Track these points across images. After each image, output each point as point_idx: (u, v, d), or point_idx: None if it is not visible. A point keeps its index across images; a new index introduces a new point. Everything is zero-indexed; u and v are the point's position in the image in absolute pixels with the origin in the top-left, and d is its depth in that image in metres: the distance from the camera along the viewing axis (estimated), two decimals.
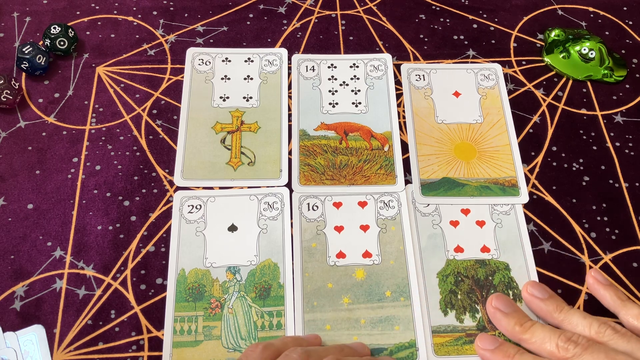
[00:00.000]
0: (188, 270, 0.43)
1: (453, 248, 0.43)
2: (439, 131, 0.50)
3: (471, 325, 0.41)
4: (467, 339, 0.40)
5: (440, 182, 0.47)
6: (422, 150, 0.49)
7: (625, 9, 0.60)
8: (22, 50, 0.50)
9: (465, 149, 0.49)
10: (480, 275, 0.42)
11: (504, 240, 0.44)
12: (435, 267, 0.43)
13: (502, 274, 0.42)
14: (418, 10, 0.58)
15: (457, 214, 0.45)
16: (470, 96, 0.52)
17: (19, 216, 0.45)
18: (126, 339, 0.41)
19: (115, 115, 0.50)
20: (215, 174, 0.47)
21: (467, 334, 0.41)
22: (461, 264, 0.43)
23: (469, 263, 0.43)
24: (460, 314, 0.41)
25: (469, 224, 0.44)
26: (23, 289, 0.42)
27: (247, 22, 0.56)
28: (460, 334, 0.41)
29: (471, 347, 0.40)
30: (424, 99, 0.52)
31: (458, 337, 0.40)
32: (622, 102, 0.53)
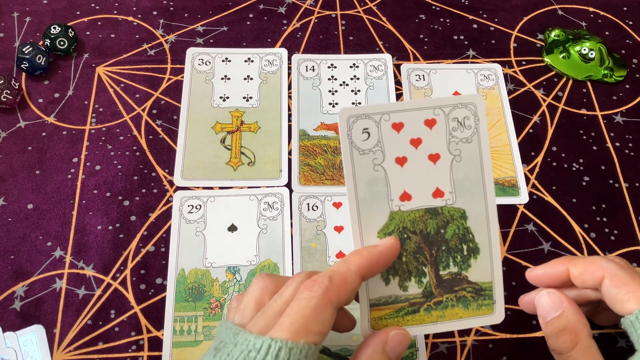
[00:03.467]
0: (188, 270, 0.43)
1: (398, 196, 0.34)
2: None
3: (416, 293, 0.34)
4: (410, 309, 0.34)
5: None
6: None
7: (625, 9, 0.60)
8: (22, 50, 0.50)
9: None
10: (430, 229, 0.34)
11: (461, 179, 0.34)
12: (376, 224, 0.34)
13: (456, 224, 0.35)
14: (418, 10, 0.58)
15: (405, 147, 0.34)
16: None
17: (19, 216, 0.45)
18: (126, 339, 0.41)
19: (115, 115, 0.50)
20: (215, 174, 0.47)
21: (410, 304, 0.34)
22: (407, 217, 0.34)
23: (417, 214, 0.34)
24: (404, 281, 0.34)
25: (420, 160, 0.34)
26: (23, 289, 0.42)
27: (247, 22, 0.56)
28: (402, 304, 0.34)
29: (413, 318, 0.34)
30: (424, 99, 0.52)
31: (400, 309, 0.34)
32: (622, 103, 0.53)
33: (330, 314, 0.29)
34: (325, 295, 0.29)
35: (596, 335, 0.42)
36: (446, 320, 0.34)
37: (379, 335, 0.32)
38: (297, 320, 0.28)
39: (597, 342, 0.42)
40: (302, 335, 0.28)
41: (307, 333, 0.28)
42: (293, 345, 0.28)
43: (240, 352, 0.28)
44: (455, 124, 0.34)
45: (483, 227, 0.35)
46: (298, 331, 0.28)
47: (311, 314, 0.29)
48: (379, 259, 0.32)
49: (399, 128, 0.34)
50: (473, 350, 0.41)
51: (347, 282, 0.30)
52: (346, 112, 0.33)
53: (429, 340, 0.41)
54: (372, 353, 0.31)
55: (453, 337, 0.42)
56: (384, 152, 0.33)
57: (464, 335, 0.42)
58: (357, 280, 0.31)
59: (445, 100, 0.34)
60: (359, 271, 0.31)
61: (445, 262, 0.34)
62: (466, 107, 0.34)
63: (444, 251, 0.34)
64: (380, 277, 0.34)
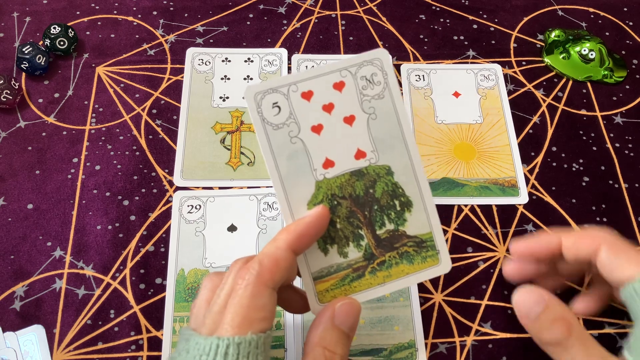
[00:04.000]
0: (187, 270, 0.43)
1: (321, 164, 0.33)
2: (438, 131, 0.50)
3: (357, 257, 0.34)
4: (354, 275, 0.34)
5: (440, 182, 0.47)
6: (422, 151, 0.49)
7: (625, 10, 0.60)
8: (22, 50, 0.50)
9: (464, 149, 0.49)
10: (359, 191, 0.34)
11: (380, 136, 0.34)
12: (304, 196, 0.33)
13: (384, 181, 0.34)
14: (418, 10, 0.58)
15: (319, 114, 0.33)
16: (470, 97, 0.52)
17: (19, 216, 0.45)
18: (125, 339, 0.41)
19: (115, 115, 0.50)
20: (214, 174, 0.47)
21: (353, 269, 0.34)
22: (334, 183, 0.33)
23: (343, 179, 0.34)
24: (343, 247, 0.34)
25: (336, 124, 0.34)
26: (23, 289, 0.42)
27: (247, 22, 0.56)
28: (346, 272, 0.33)
29: (360, 283, 0.34)
30: (424, 100, 0.52)
31: (344, 276, 0.33)
32: (622, 103, 0.53)
33: (269, 297, 0.29)
34: (259, 280, 0.29)
35: (596, 335, 0.42)
36: (393, 279, 0.34)
37: (325, 310, 0.31)
38: (238, 313, 0.28)
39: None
40: (246, 327, 0.28)
41: (250, 323, 0.28)
42: (240, 339, 0.28)
43: (193, 358, 0.28)
44: (364, 82, 0.34)
45: (411, 180, 0.34)
46: (241, 324, 0.28)
47: (249, 302, 0.29)
48: (307, 230, 0.31)
49: (308, 96, 0.33)
50: (473, 350, 0.41)
51: (278, 261, 0.30)
52: (252, 89, 0.33)
53: (428, 340, 0.41)
54: (323, 330, 0.31)
55: (453, 337, 0.42)
56: (299, 123, 0.33)
57: (463, 335, 0.42)
58: (289, 257, 0.30)
59: (350, 60, 0.34)
60: (289, 247, 0.30)
61: (380, 221, 0.34)
62: (372, 63, 0.34)
63: (376, 210, 0.34)
64: (318, 247, 0.33)
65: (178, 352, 0.29)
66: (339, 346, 0.31)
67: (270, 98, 0.33)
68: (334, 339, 0.31)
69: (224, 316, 0.29)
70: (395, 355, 0.40)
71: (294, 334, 0.41)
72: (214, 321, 0.29)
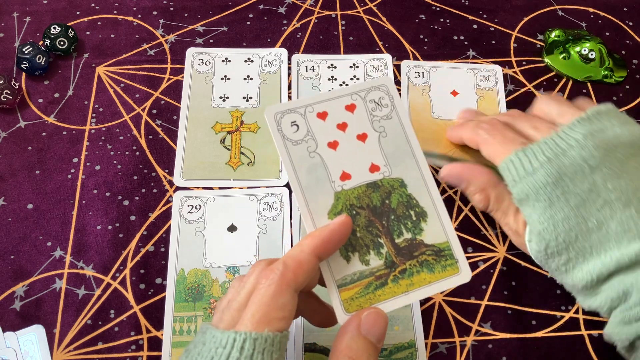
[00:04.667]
0: (187, 270, 0.43)
1: (338, 176, 0.36)
2: (434, 125, 0.50)
3: (379, 265, 0.35)
4: (378, 283, 0.34)
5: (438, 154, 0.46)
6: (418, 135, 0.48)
7: (625, 10, 0.60)
8: (22, 50, 0.50)
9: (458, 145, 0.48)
10: (375, 202, 0.36)
11: (392, 151, 0.37)
12: (324, 206, 0.35)
13: (398, 192, 0.37)
14: (418, 10, 0.58)
15: (333, 133, 0.37)
16: (468, 96, 0.52)
17: (19, 216, 0.45)
18: (125, 339, 0.41)
19: (115, 115, 0.50)
20: (214, 174, 0.47)
21: (376, 277, 0.35)
22: (352, 194, 0.36)
23: (360, 190, 0.36)
24: (364, 255, 0.35)
25: (350, 141, 0.37)
26: (23, 289, 0.42)
27: (247, 22, 0.56)
28: (369, 279, 0.34)
29: (384, 291, 0.34)
30: (421, 96, 0.52)
31: (367, 284, 0.34)
32: (622, 103, 0.53)
33: (290, 298, 0.30)
34: (282, 280, 0.30)
35: (595, 335, 0.42)
36: (416, 287, 0.35)
37: (352, 319, 0.32)
38: (258, 310, 0.29)
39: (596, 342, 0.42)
40: (264, 324, 0.29)
41: (269, 321, 0.29)
42: (257, 335, 0.28)
43: (209, 351, 0.29)
44: (373, 104, 0.38)
45: (424, 191, 0.37)
46: (260, 321, 0.29)
47: (270, 301, 0.29)
48: (331, 237, 0.32)
49: (324, 117, 0.37)
50: (473, 350, 0.41)
51: (302, 263, 0.31)
52: (272, 110, 0.36)
53: (428, 340, 0.41)
54: (350, 339, 0.31)
55: (453, 337, 0.42)
56: (316, 140, 0.36)
57: (463, 335, 0.42)
58: (313, 260, 0.31)
59: (359, 86, 0.38)
60: (313, 251, 0.31)
61: (398, 230, 0.36)
62: (379, 88, 0.38)
63: (393, 220, 0.36)
64: (341, 255, 0.35)
65: (194, 344, 0.30)
66: (365, 355, 0.31)
67: (288, 117, 0.36)
68: (360, 348, 0.31)
69: (244, 313, 0.29)
70: (395, 355, 0.40)
71: (293, 334, 0.41)
72: (232, 317, 0.30)
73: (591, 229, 0.35)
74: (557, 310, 0.43)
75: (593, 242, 0.35)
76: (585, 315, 0.43)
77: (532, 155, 0.37)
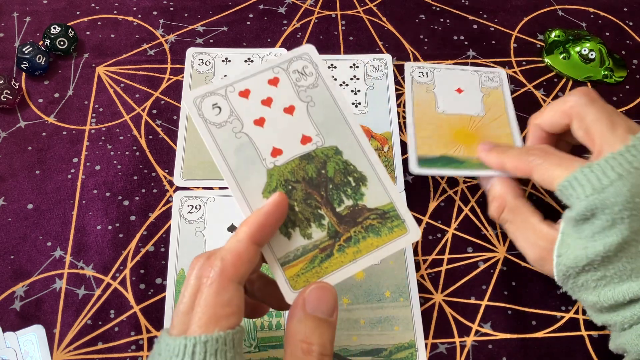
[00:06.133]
0: (187, 270, 0.43)
1: (269, 153, 0.34)
2: (439, 119, 0.49)
3: (322, 237, 0.33)
4: (323, 255, 0.33)
5: (439, 158, 0.46)
6: (421, 134, 0.48)
7: (625, 10, 0.60)
8: (22, 50, 0.50)
9: (465, 135, 0.48)
10: (311, 173, 0.34)
11: (322, 121, 0.35)
12: (257, 185, 0.34)
13: (334, 161, 0.35)
14: (418, 10, 0.58)
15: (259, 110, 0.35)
16: (473, 93, 0.51)
17: (19, 216, 0.45)
18: (125, 339, 0.41)
19: (115, 115, 0.50)
20: (215, 174, 0.47)
21: (320, 250, 0.33)
22: (285, 169, 0.34)
23: (293, 164, 0.34)
24: (305, 229, 0.33)
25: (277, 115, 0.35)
26: (23, 289, 0.42)
27: (247, 22, 0.56)
28: (313, 253, 0.33)
29: (330, 263, 0.33)
30: (426, 93, 0.51)
31: (312, 258, 0.33)
32: (622, 103, 0.53)
33: (235, 292, 0.29)
34: (222, 276, 0.28)
35: (595, 336, 0.42)
36: (364, 254, 0.33)
37: (296, 300, 0.30)
38: (204, 312, 0.28)
39: (596, 343, 0.42)
40: (213, 325, 0.28)
41: (217, 321, 0.28)
42: (207, 338, 0.27)
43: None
44: (297, 75, 0.36)
45: (360, 156, 0.35)
46: (208, 322, 0.28)
47: (214, 300, 0.28)
48: (267, 220, 0.31)
49: (246, 94, 0.35)
50: (473, 350, 0.41)
51: (241, 254, 0.29)
52: (190, 94, 0.34)
53: (428, 340, 0.41)
54: (297, 322, 0.29)
55: (453, 337, 0.42)
56: (241, 120, 0.34)
57: (463, 335, 0.42)
58: (252, 249, 0.30)
59: (280, 58, 0.36)
60: (250, 239, 0.30)
61: (338, 199, 0.34)
62: (301, 58, 0.36)
63: (332, 189, 0.34)
64: (280, 233, 0.33)
65: (152, 355, 0.29)
66: (316, 335, 0.29)
67: (209, 100, 0.34)
68: (309, 329, 0.29)
69: (192, 316, 0.28)
70: (395, 355, 0.40)
71: None
72: (182, 322, 0.29)
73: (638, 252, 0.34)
74: (557, 310, 0.43)
75: (636, 266, 0.34)
76: (585, 316, 0.43)
77: (601, 171, 0.34)
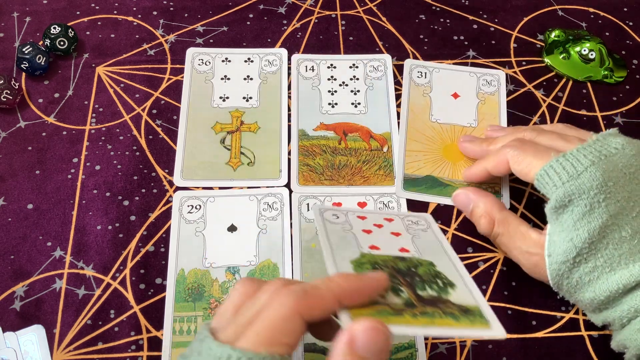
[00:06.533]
0: (187, 270, 0.43)
1: (367, 246, 0.36)
2: (431, 129, 0.50)
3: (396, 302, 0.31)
4: (392, 311, 0.30)
5: (424, 179, 0.47)
6: (411, 146, 0.49)
7: (625, 10, 0.60)
8: (22, 50, 0.50)
9: (453, 150, 0.49)
10: (401, 267, 0.34)
11: (423, 247, 0.37)
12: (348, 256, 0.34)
13: (426, 267, 0.35)
14: (418, 10, 0.58)
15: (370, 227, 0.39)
16: (469, 100, 0.52)
17: (19, 216, 0.45)
18: (125, 339, 0.41)
19: (115, 115, 0.50)
20: (214, 174, 0.47)
21: (390, 307, 0.30)
22: (378, 257, 0.34)
23: (386, 257, 0.35)
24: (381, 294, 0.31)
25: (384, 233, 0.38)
26: (23, 289, 0.42)
27: (247, 22, 0.56)
28: (383, 307, 0.30)
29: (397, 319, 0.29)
30: (422, 97, 0.52)
31: (381, 310, 0.30)
32: (622, 103, 0.53)
33: (300, 327, 0.28)
34: (296, 306, 0.28)
35: (595, 336, 0.42)
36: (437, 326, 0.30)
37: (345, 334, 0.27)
38: (263, 330, 0.27)
39: (596, 343, 0.42)
40: (265, 346, 0.27)
41: (271, 343, 0.27)
42: (253, 355, 0.26)
43: None
44: (410, 223, 0.41)
45: (454, 272, 0.35)
46: (262, 341, 0.27)
47: (279, 324, 0.27)
48: (363, 288, 0.29)
49: (363, 218, 0.40)
50: (473, 350, 0.41)
51: (323, 301, 0.28)
52: (318, 207, 0.40)
53: (428, 340, 0.41)
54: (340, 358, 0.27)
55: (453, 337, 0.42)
56: (352, 225, 0.38)
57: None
58: (334, 303, 0.28)
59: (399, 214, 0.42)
60: (340, 294, 0.28)
61: (422, 288, 0.33)
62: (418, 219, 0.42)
63: (418, 281, 0.33)
64: None
65: (190, 351, 0.29)
66: None
67: (331, 212, 0.40)
68: None
69: (248, 329, 0.28)
70: (395, 355, 0.40)
71: None
72: (235, 332, 0.28)
73: (624, 237, 0.35)
74: (557, 310, 0.43)
75: (623, 252, 0.35)
76: (585, 316, 0.43)
77: (575, 159, 0.36)
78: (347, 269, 0.32)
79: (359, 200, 0.46)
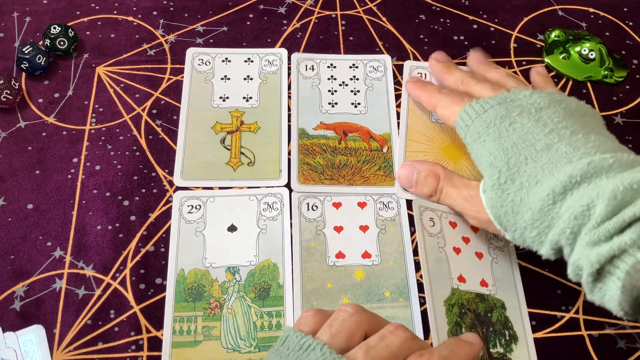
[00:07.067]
0: (187, 270, 0.43)
1: (457, 277, 0.42)
2: (431, 130, 0.50)
3: None
4: None
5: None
6: (411, 147, 0.49)
7: (625, 10, 0.60)
8: (22, 50, 0.50)
9: (454, 151, 0.49)
10: (480, 310, 0.41)
11: (499, 277, 0.43)
12: (442, 295, 0.41)
13: (499, 312, 0.41)
14: (418, 10, 0.58)
15: (459, 241, 0.44)
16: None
17: (19, 216, 0.45)
18: (125, 339, 0.41)
19: (115, 115, 0.50)
20: (214, 174, 0.47)
21: None
22: (464, 295, 0.41)
23: (470, 295, 0.41)
24: None
25: (469, 254, 0.43)
26: (23, 289, 0.42)
27: (247, 22, 0.56)
28: None
29: None
30: None
31: None
32: (622, 103, 0.53)
33: None
34: None
35: (595, 336, 0.42)
36: None
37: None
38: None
39: (597, 343, 0.42)
40: None
41: None
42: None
43: None
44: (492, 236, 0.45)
45: (518, 319, 0.42)
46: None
47: None
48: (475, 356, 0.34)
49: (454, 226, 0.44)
50: None
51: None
52: (418, 201, 0.44)
53: (428, 340, 0.41)
54: None
55: None
56: (445, 240, 0.43)
57: None
58: None
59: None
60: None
61: (493, 342, 0.40)
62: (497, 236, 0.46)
63: (491, 332, 0.40)
64: None
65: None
66: None
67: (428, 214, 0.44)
68: None
69: None
70: None
71: None
72: None
73: (540, 150, 0.37)
74: (557, 310, 0.43)
75: (544, 163, 0.36)
76: (585, 316, 0.43)
77: (484, 102, 0.41)
78: (441, 313, 0.40)
79: (359, 200, 0.46)
